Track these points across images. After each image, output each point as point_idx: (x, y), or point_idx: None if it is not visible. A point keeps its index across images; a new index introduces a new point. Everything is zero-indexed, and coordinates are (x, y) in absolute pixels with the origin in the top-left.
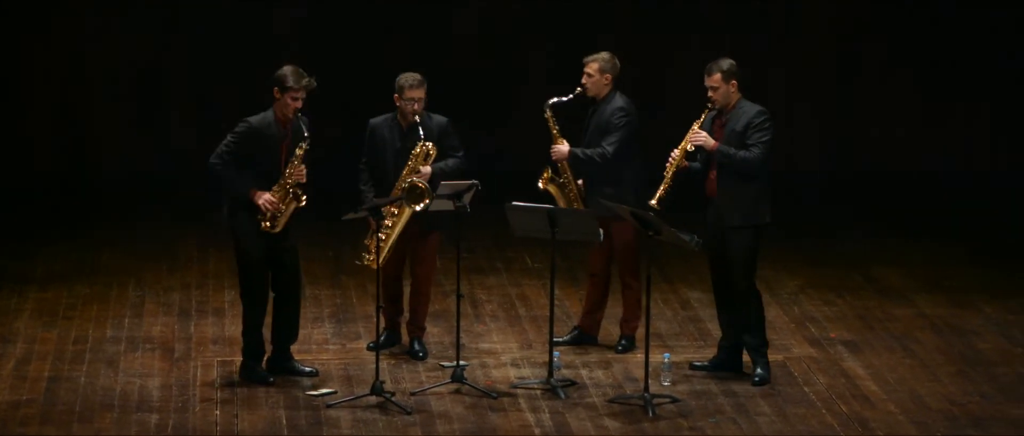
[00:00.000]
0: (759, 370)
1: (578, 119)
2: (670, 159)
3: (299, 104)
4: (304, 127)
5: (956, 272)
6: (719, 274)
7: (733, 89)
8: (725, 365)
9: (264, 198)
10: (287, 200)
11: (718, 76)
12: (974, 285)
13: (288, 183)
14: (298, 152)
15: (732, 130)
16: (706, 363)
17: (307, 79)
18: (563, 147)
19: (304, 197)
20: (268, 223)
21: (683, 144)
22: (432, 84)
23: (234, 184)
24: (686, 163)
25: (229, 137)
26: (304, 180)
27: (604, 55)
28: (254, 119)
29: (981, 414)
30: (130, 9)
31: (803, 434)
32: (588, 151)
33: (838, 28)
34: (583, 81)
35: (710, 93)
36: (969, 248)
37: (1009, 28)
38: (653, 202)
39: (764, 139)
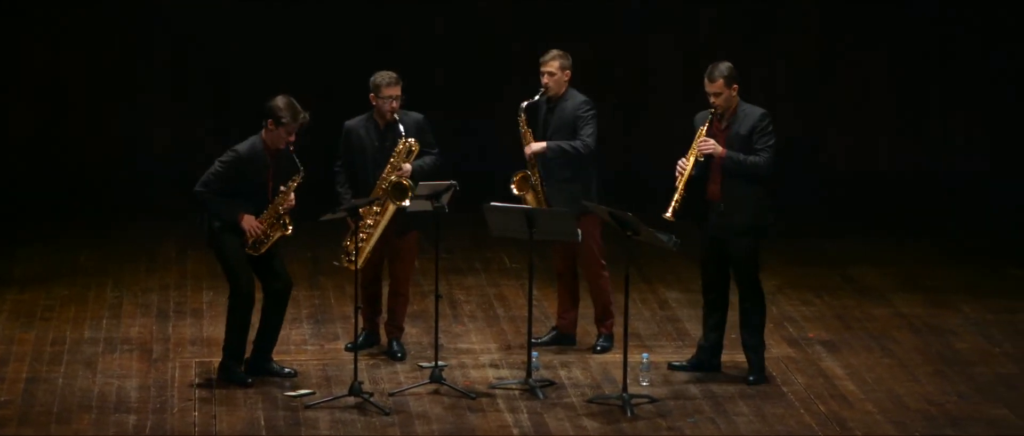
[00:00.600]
0: (754, 369)
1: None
2: (680, 170)
3: (293, 138)
4: (296, 158)
5: (934, 272)
6: (713, 277)
7: (734, 93)
8: (703, 365)
9: (251, 223)
10: (274, 226)
11: (720, 82)
12: (952, 285)
13: (278, 210)
14: (292, 184)
15: (736, 134)
16: (684, 363)
17: (303, 114)
18: (538, 144)
19: (290, 226)
20: (251, 248)
21: (692, 153)
22: (409, 83)
23: (221, 211)
24: (693, 172)
25: (216, 166)
26: (293, 206)
27: (559, 52)
28: (242, 149)
29: (959, 414)
30: (107, 8)
31: (781, 434)
32: (573, 143)
33: (817, 27)
34: (545, 81)
35: (712, 99)
36: (946, 248)
37: (993, 28)
38: (668, 215)
39: (770, 143)
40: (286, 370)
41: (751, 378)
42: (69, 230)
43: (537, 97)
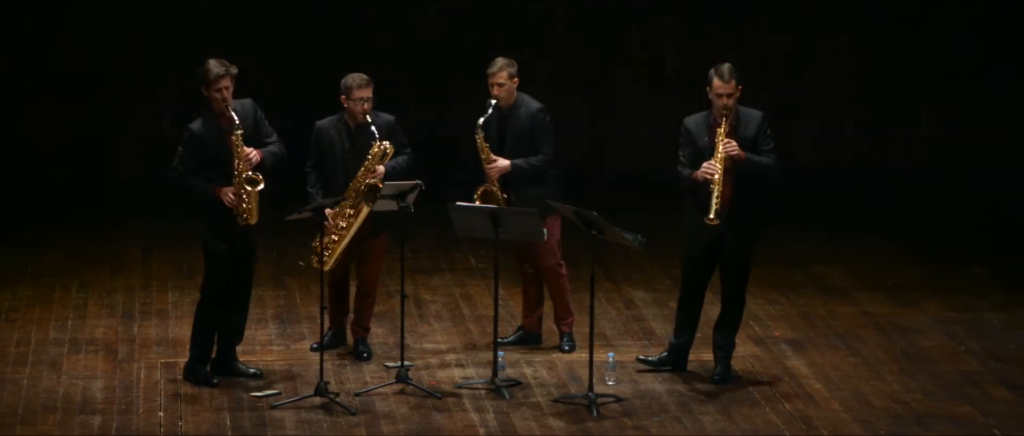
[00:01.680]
0: (720, 368)
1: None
2: (709, 173)
3: (229, 92)
4: (235, 116)
5: (898, 270)
6: (699, 278)
7: (739, 93)
8: (673, 364)
9: (226, 193)
10: (246, 189)
11: (734, 83)
12: (916, 283)
13: (242, 172)
14: (235, 140)
15: (743, 137)
16: (652, 358)
17: (231, 67)
18: (502, 163)
19: (261, 180)
20: (243, 216)
21: (719, 155)
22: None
23: (198, 191)
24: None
25: (178, 149)
26: (255, 162)
27: (505, 61)
28: (194, 126)
29: (924, 412)
30: (74, 8)
31: (747, 433)
32: (531, 160)
33: (777, 25)
34: (496, 92)
35: (725, 100)
36: (909, 246)
37: (953, 27)
38: (711, 217)
39: (773, 145)
40: (252, 370)
41: (716, 377)
42: (33, 231)
43: (490, 111)
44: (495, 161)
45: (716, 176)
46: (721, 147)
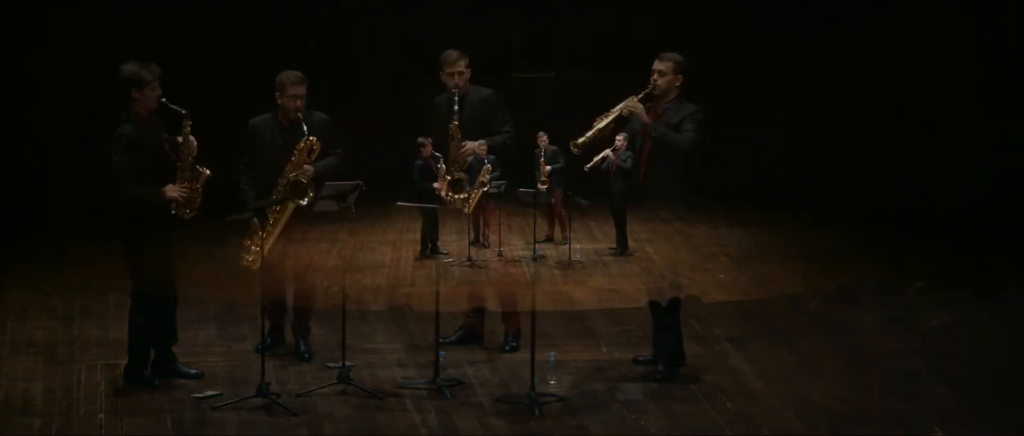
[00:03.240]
0: (661, 367)
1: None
2: (600, 118)
3: (159, 91)
4: (173, 105)
5: (839, 268)
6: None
7: (678, 83)
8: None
9: (175, 191)
10: (194, 179)
11: (670, 64)
12: (856, 281)
13: (188, 160)
14: (185, 130)
15: (667, 123)
16: (645, 357)
17: (153, 65)
18: (473, 144)
19: (205, 170)
20: (187, 211)
21: (618, 108)
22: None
23: (149, 198)
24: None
25: (118, 159)
26: (195, 152)
27: (459, 52)
28: (126, 130)
29: (865, 409)
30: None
31: (689, 432)
32: (497, 139)
33: (709, 21)
34: (456, 82)
35: (656, 77)
36: (851, 244)
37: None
38: (579, 141)
39: (695, 128)
40: (193, 371)
41: (658, 375)
42: None
43: (456, 103)
44: (465, 145)
45: (604, 122)
46: (625, 103)
